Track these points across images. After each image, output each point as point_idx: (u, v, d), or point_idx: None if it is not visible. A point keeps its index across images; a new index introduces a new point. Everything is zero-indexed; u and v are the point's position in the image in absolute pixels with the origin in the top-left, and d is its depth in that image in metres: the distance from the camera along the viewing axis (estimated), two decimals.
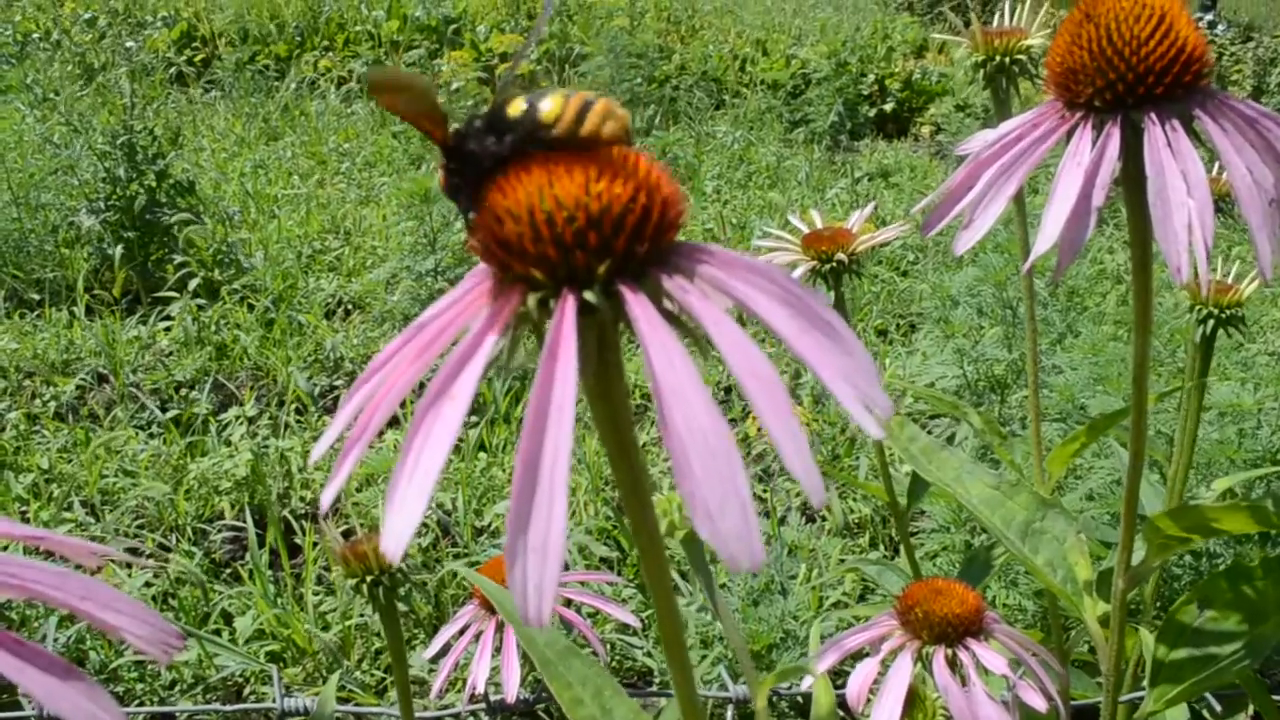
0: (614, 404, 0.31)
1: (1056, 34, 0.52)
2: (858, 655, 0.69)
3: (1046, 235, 0.46)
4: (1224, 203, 0.91)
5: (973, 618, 0.65)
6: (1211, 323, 0.91)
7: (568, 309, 0.28)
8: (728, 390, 2.66)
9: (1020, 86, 0.80)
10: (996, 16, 0.88)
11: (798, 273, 0.91)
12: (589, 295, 0.29)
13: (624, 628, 1.78)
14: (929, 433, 2.49)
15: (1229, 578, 0.64)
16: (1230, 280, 0.97)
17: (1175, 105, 0.49)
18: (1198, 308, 0.92)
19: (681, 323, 0.29)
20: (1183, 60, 0.48)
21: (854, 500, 2.20)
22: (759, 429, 2.38)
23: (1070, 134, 0.50)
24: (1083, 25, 0.50)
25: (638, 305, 0.28)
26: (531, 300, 0.29)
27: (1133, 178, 0.49)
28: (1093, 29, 0.49)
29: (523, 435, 0.27)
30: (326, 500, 0.29)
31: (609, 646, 1.77)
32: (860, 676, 0.66)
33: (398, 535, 0.26)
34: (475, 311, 0.30)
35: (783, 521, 2.04)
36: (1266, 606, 0.63)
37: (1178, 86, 0.49)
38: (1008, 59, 0.79)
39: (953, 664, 0.64)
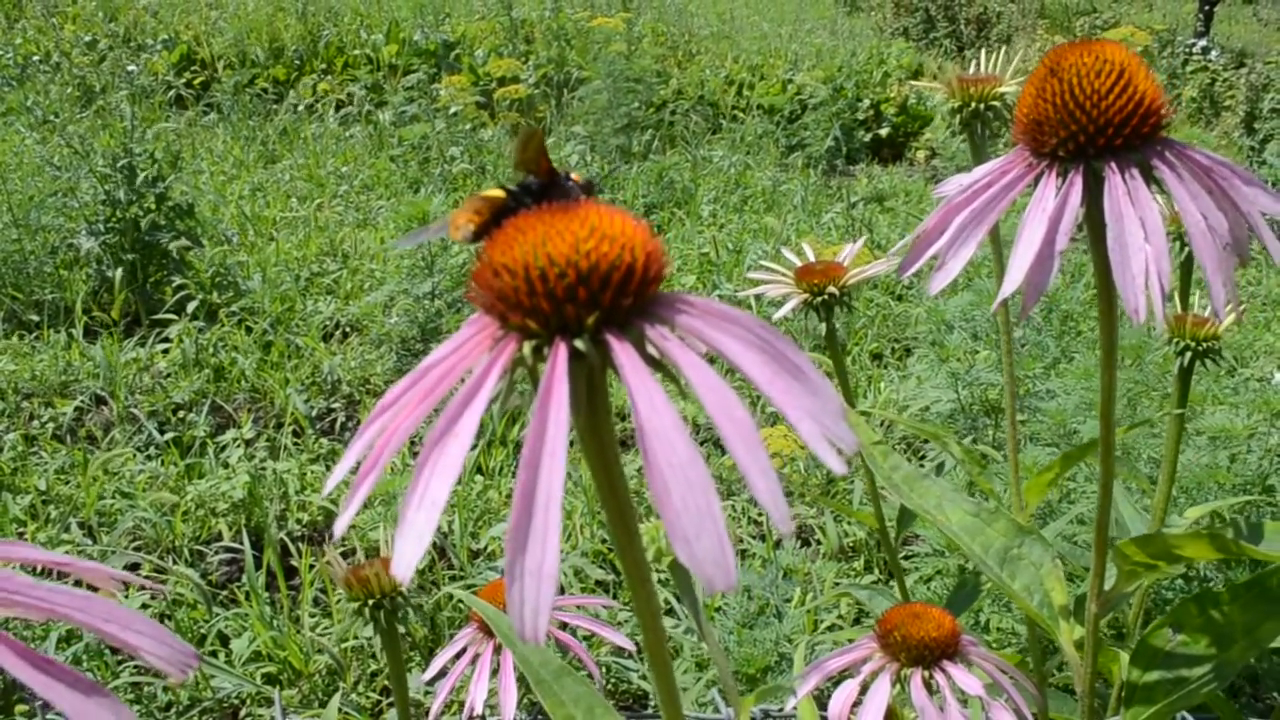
0: (602, 441, 0.34)
1: (1024, 86, 0.55)
2: (844, 676, 0.72)
3: (1012, 279, 0.49)
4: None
5: (949, 641, 0.67)
6: (1189, 354, 0.94)
7: (560, 356, 0.31)
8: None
9: (995, 130, 0.83)
10: (976, 59, 0.91)
11: (789, 306, 0.94)
12: (579, 344, 0.32)
13: (619, 651, 1.80)
14: (922, 457, 2.50)
15: (1198, 603, 0.67)
16: (1207, 313, 1.00)
17: (1134, 155, 0.52)
18: (1175, 340, 0.95)
19: (663, 366, 0.32)
20: (1140, 113, 0.51)
21: (848, 524, 2.22)
22: None
23: (1036, 181, 0.53)
24: (1048, 79, 0.53)
25: (623, 353, 0.31)
26: (527, 348, 0.32)
27: (1095, 224, 0.52)
28: (1057, 83, 0.52)
29: (520, 468, 0.29)
30: (339, 529, 0.32)
31: (604, 669, 1.79)
32: (841, 698, 0.68)
33: (407, 560, 0.29)
34: (476, 357, 0.33)
35: (778, 545, 2.06)
36: (1234, 631, 0.65)
37: (1136, 137, 0.52)
38: (982, 105, 0.83)
39: (930, 686, 0.66)
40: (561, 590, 1.94)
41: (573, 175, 0.40)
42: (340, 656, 1.75)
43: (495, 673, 0.87)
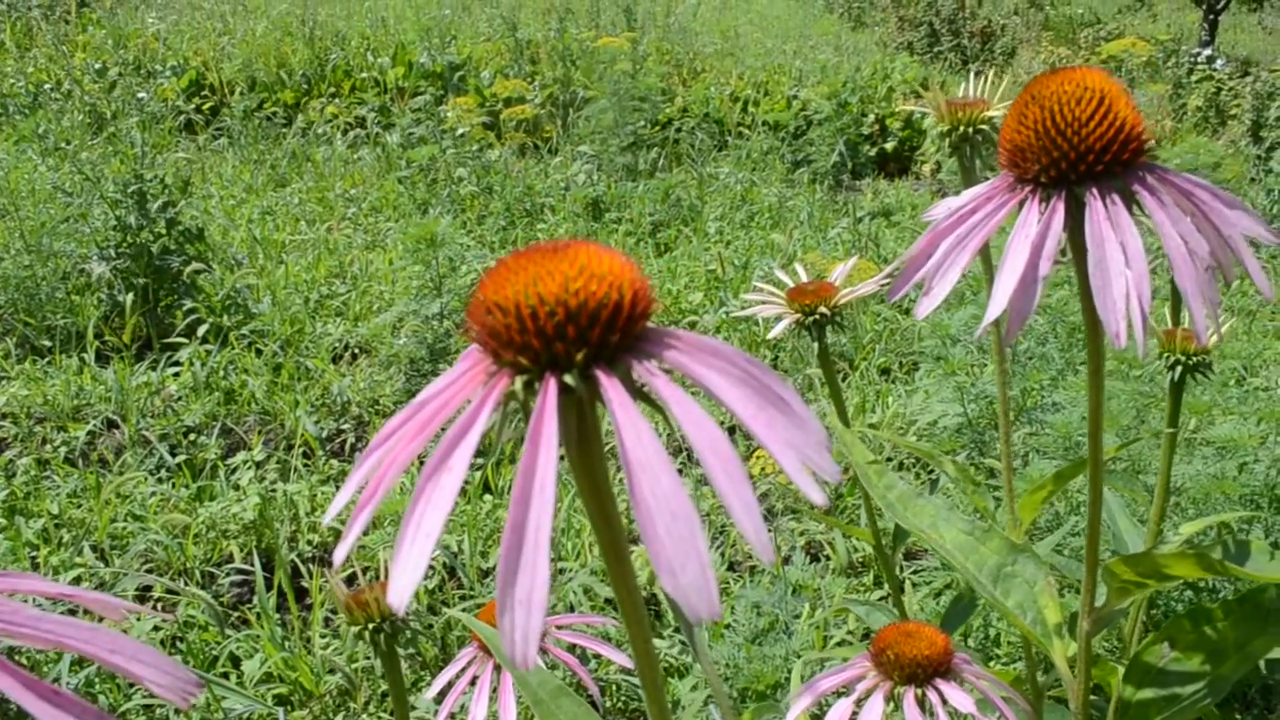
0: (593, 472, 0.35)
1: (1007, 113, 0.56)
2: (840, 694, 0.73)
3: (996, 304, 0.50)
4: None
5: (941, 659, 0.68)
6: (1180, 369, 0.95)
7: (550, 391, 0.33)
8: (732, 430, 2.70)
9: (985, 153, 0.85)
10: (967, 81, 0.92)
11: (781, 326, 0.95)
12: (568, 379, 0.33)
13: (629, 670, 1.80)
14: (931, 471, 2.50)
15: (1191, 619, 0.67)
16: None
17: (1115, 180, 0.53)
18: (1165, 355, 0.96)
19: (650, 399, 0.33)
20: (1121, 139, 0.53)
21: (857, 540, 2.23)
22: (760, 469, 2.41)
23: (1020, 206, 0.54)
24: (1028, 106, 0.54)
25: (611, 388, 0.32)
26: (518, 383, 0.34)
27: (1078, 248, 0.53)
28: (1037, 110, 0.53)
29: (511, 501, 0.31)
30: (339, 558, 0.33)
31: (615, 688, 1.79)
32: (835, 716, 0.69)
33: (402, 591, 0.30)
34: (470, 391, 0.34)
35: (787, 561, 2.06)
36: (1226, 647, 0.66)
37: (1116, 163, 0.53)
38: (971, 129, 0.84)
39: (922, 703, 0.67)
40: (571, 608, 1.95)
41: None
42: (353, 676, 1.76)
43: (497, 691, 0.88)
